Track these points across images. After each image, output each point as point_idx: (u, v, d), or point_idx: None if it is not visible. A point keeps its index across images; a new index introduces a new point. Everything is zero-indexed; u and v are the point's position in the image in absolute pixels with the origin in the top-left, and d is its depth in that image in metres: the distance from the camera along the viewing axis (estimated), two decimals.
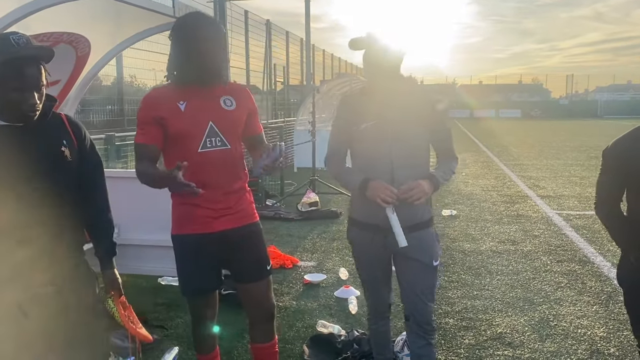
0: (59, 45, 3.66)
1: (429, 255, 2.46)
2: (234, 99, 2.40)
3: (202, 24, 2.28)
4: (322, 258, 5.44)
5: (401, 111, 2.40)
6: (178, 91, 2.33)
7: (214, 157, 2.31)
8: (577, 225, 6.82)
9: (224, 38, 2.36)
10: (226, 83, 2.43)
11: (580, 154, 16.06)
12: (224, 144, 2.33)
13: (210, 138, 2.30)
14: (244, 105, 2.43)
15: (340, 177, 2.55)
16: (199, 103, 2.32)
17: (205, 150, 2.30)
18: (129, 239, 4.57)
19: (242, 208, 2.43)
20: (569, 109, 51.48)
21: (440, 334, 3.65)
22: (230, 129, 2.36)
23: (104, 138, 6.43)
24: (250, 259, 2.47)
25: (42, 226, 1.92)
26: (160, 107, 2.29)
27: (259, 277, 2.48)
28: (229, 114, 2.36)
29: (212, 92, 2.36)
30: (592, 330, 3.71)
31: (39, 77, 1.87)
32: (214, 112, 2.34)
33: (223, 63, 2.35)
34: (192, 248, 2.40)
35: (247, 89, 2.55)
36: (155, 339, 3.49)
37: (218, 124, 2.32)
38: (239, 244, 2.42)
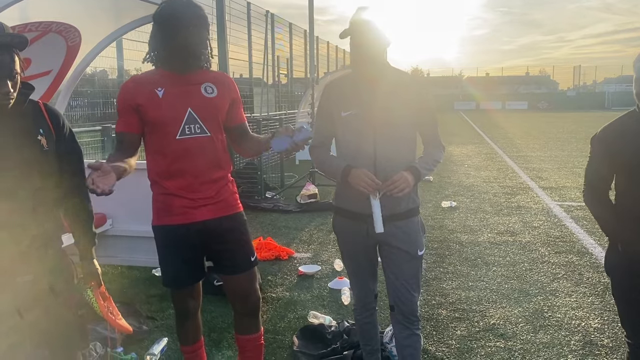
0: (48, 35, 3.64)
1: (413, 245, 2.43)
2: (215, 86, 2.36)
3: (181, 10, 2.23)
4: (318, 249, 5.42)
5: (386, 99, 2.36)
6: (157, 77, 2.30)
7: (193, 144, 2.28)
8: (578, 216, 6.76)
9: (204, 24, 2.30)
10: (206, 68, 2.37)
11: (585, 145, 15.75)
12: (203, 131, 2.29)
13: (189, 125, 2.27)
14: (225, 94, 2.39)
15: (323, 165, 2.52)
16: (178, 90, 2.29)
17: (183, 137, 2.27)
18: (122, 230, 4.57)
19: (223, 198, 2.40)
20: (577, 101, 51.04)
21: (432, 325, 3.62)
22: (210, 116, 2.32)
23: (100, 130, 6.43)
24: (234, 250, 2.44)
25: (17, 215, 1.90)
26: (137, 95, 2.27)
27: (243, 268, 2.45)
28: (210, 101, 2.32)
29: (192, 79, 2.32)
30: (587, 322, 3.67)
31: (11, 65, 1.84)
32: (194, 98, 2.30)
33: (203, 49, 2.30)
34: (172, 239, 2.38)
35: (230, 77, 2.51)
36: (145, 330, 3.51)
37: (197, 110, 2.29)
38: (221, 234, 2.39)
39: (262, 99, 12.09)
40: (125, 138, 2.33)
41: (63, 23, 3.70)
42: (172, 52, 2.25)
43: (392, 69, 2.46)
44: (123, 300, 3.74)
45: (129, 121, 2.30)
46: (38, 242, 1.97)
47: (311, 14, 17.57)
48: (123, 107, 2.30)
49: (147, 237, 4.51)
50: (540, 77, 74.87)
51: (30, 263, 1.95)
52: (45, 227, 2.00)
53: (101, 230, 4.41)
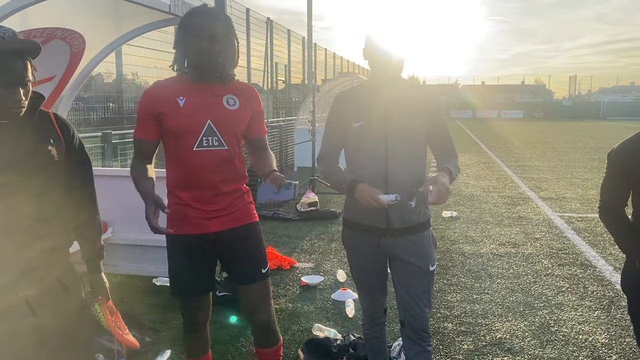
0: (52, 41, 3.60)
1: (425, 259, 2.40)
2: (237, 98, 2.31)
3: (205, 19, 2.18)
4: (320, 259, 5.37)
5: (399, 111, 2.33)
6: (180, 85, 2.27)
7: (209, 157, 2.24)
8: (579, 228, 6.75)
9: (230, 35, 2.24)
10: (230, 81, 2.32)
11: (583, 155, 15.97)
12: (221, 144, 2.25)
13: (207, 137, 2.23)
14: (247, 106, 2.33)
15: (329, 177, 2.47)
16: (200, 100, 2.25)
17: (200, 149, 2.23)
18: (123, 238, 4.52)
19: (236, 209, 2.36)
20: (572, 110, 51.32)
21: (438, 338, 3.58)
22: (229, 129, 2.27)
23: (100, 136, 6.37)
24: (244, 260, 2.41)
25: (25, 227, 1.85)
26: (159, 102, 2.25)
27: (253, 279, 2.41)
28: (230, 114, 2.27)
29: (215, 90, 2.28)
30: (594, 337, 3.64)
31: (24, 72, 1.80)
32: (214, 110, 2.25)
33: (226, 60, 2.25)
34: (184, 248, 2.34)
35: (254, 89, 2.45)
36: (147, 342, 3.45)
37: (217, 123, 2.24)
38: (234, 245, 2.36)
39: None
40: (143, 145, 2.32)
41: (67, 29, 3.66)
42: (192, 61, 2.23)
43: (405, 81, 2.44)
44: (124, 311, 3.66)
45: (148, 128, 2.28)
46: (46, 254, 1.92)
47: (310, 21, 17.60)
48: (143, 114, 2.28)
49: (148, 245, 4.50)
50: (535, 86, 75.28)
51: (38, 277, 1.90)
52: (54, 238, 1.96)
53: (102, 238, 4.35)
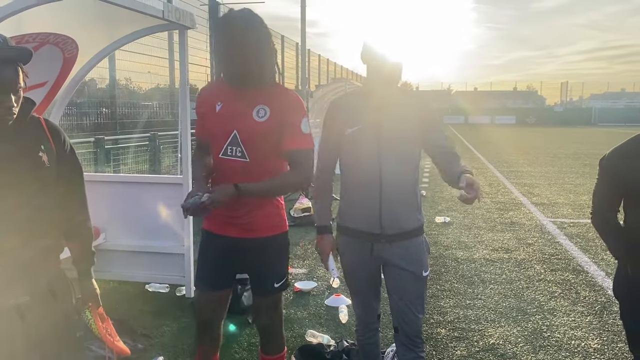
0: (45, 46, 3.59)
1: (418, 265, 2.40)
2: (269, 108, 2.24)
3: (232, 26, 2.16)
4: (314, 265, 5.36)
5: (392, 117, 2.34)
6: (221, 90, 2.32)
7: (230, 166, 2.27)
8: (571, 233, 6.78)
9: (262, 39, 2.20)
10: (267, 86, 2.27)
11: (575, 161, 16.07)
12: (243, 156, 2.24)
13: (231, 147, 2.25)
14: (277, 117, 2.24)
15: (315, 203, 2.58)
16: (233, 107, 2.26)
17: (224, 157, 2.28)
18: (116, 244, 4.50)
19: (251, 220, 2.33)
20: (564, 116, 51.68)
21: (431, 344, 3.58)
22: (254, 142, 2.23)
23: (93, 141, 6.34)
24: (255, 273, 2.45)
25: (17, 233, 1.84)
26: (204, 104, 2.36)
27: (261, 293, 2.47)
28: (258, 126, 2.23)
29: (249, 97, 2.25)
30: (586, 342, 3.65)
31: (15, 79, 1.79)
32: (243, 120, 2.24)
33: (257, 66, 2.19)
34: (209, 243, 2.44)
35: (294, 97, 2.32)
36: (140, 348, 3.43)
37: (242, 134, 2.23)
38: (245, 255, 2.38)
39: None
40: (198, 142, 2.47)
41: (60, 35, 3.65)
42: (225, 68, 2.24)
43: (398, 88, 2.45)
44: (116, 317, 3.65)
45: (199, 127, 2.42)
46: (37, 261, 1.91)
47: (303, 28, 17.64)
48: (197, 113, 2.42)
49: (141, 251, 4.48)
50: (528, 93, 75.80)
51: (28, 283, 1.89)
52: (45, 245, 1.94)
53: (94, 244, 4.32)
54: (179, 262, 4.34)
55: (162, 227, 4.37)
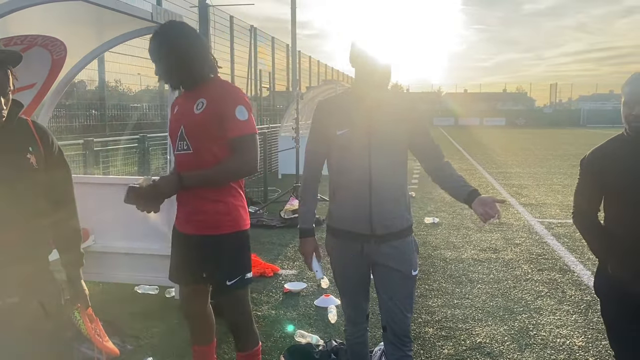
0: (33, 48, 3.59)
1: (407, 264, 2.43)
2: (206, 100, 2.37)
3: (151, 44, 2.38)
4: (303, 266, 5.39)
5: (383, 119, 2.36)
6: (182, 94, 2.53)
7: (180, 160, 2.43)
8: (559, 233, 6.86)
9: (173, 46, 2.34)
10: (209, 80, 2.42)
11: (563, 162, 16.22)
12: (188, 148, 2.39)
13: (180, 142, 2.42)
14: (214, 108, 2.36)
15: (301, 206, 2.60)
16: (182, 107, 2.46)
17: (177, 153, 2.46)
18: (105, 246, 4.49)
19: (206, 218, 2.39)
20: (553, 118, 52.07)
21: (419, 343, 3.62)
22: (194, 133, 2.37)
23: (82, 143, 6.33)
24: (209, 271, 2.48)
25: (6, 234, 1.85)
26: (170, 110, 2.60)
27: (218, 291, 2.51)
28: (197, 118, 2.37)
29: (193, 95, 2.42)
30: (571, 340, 3.70)
31: (5, 81, 1.81)
32: (187, 116, 2.40)
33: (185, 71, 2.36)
34: (174, 238, 2.58)
35: (230, 88, 2.45)
36: (129, 349, 3.43)
37: (186, 128, 2.39)
38: (201, 252, 2.44)
39: None
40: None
41: (49, 37, 3.66)
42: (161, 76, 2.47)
43: (387, 89, 2.48)
44: (105, 319, 3.65)
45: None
46: (25, 262, 1.92)
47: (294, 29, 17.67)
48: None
49: (130, 253, 4.48)
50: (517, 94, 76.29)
51: (17, 284, 1.89)
52: (33, 246, 1.95)
53: (84, 246, 4.30)
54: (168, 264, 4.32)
55: (151, 228, 4.36)
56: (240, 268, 2.48)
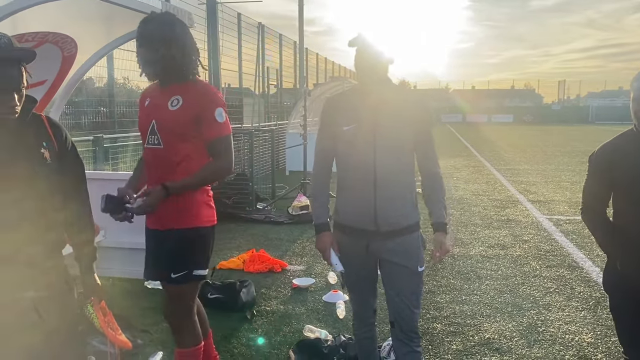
0: (44, 45, 3.62)
1: (414, 260, 2.44)
2: (182, 99, 2.40)
3: (140, 28, 2.41)
4: (312, 262, 5.41)
5: (389, 116, 2.37)
6: (155, 88, 2.52)
7: (149, 154, 2.48)
8: (567, 230, 6.83)
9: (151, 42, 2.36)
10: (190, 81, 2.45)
11: (572, 159, 16.13)
12: (159, 143, 2.43)
13: (151, 136, 2.45)
14: (190, 107, 2.38)
15: (313, 202, 2.63)
16: (155, 101, 2.48)
17: (146, 146, 2.50)
18: (115, 241, 4.52)
19: (164, 214, 2.43)
20: (561, 115, 51.74)
21: (427, 339, 3.63)
22: (167, 129, 2.40)
23: (92, 140, 6.37)
24: (161, 260, 2.53)
25: (20, 229, 1.88)
26: (140, 102, 2.59)
27: (164, 280, 2.53)
28: (171, 114, 2.39)
29: (168, 91, 2.45)
30: (580, 336, 3.70)
31: (19, 78, 1.83)
32: (159, 111, 2.43)
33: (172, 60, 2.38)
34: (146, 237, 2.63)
35: (210, 90, 2.47)
36: (139, 344, 3.46)
37: (158, 123, 2.42)
38: (163, 247, 2.50)
39: (253, 109, 12.08)
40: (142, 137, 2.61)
41: (60, 34, 3.68)
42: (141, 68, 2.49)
43: (394, 86, 2.49)
44: (115, 313, 3.67)
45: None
46: (40, 257, 1.95)
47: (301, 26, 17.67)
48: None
49: (140, 248, 4.47)
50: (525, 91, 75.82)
51: (31, 278, 1.92)
52: (47, 241, 1.98)
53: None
54: None
55: None
56: (188, 263, 2.49)
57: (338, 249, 2.53)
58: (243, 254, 5.45)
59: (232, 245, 6.09)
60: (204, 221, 2.48)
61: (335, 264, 2.47)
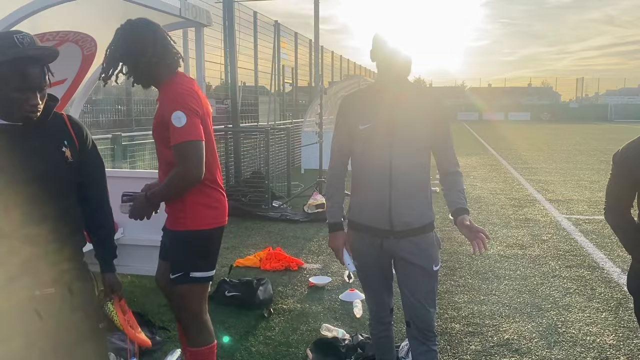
0: (64, 44, 3.66)
1: (429, 260, 2.42)
2: (159, 102, 2.43)
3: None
4: (328, 260, 5.40)
5: (405, 114, 2.35)
6: None
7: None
8: (587, 230, 6.74)
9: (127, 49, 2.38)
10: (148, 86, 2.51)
11: (590, 157, 15.92)
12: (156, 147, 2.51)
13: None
14: (160, 111, 2.39)
15: (327, 200, 2.60)
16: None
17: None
18: (133, 239, 4.56)
19: (170, 214, 2.52)
20: (579, 113, 51.11)
21: (445, 339, 3.60)
22: (154, 133, 2.46)
23: (110, 138, 6.43)
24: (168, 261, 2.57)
25: (41, 227, 1.89)
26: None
27: (171, 281, 2.54)
28: (154, 119, 2.45)
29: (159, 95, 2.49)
30: (602, 338, 3.64)
31: (41, 77, 1.84)
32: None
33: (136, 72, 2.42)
34: None
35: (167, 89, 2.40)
36: (158, 341, 3.48)
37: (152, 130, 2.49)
38: (166, 244, 2.58)
39: (269, 108, 12.10)
40: None
41: (80, 32, 3.72)
42: None
43: (411, 85, 2.47)
44: (134, 311, 3.70)
45: None
46: (61, 254, 1.96)
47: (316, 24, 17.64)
48: None
49: (158, 246, 4.53)
50: (542, 89, 74.99)
51: (52, 275, 1.94)
52: (68, 239, 1.99)
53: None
54: None
55: None
56: (185, 264, 2.48)
57: (351, 248, 2.53)
58: (259, 252, 5.47)
59: (249, 242, 6.11)
60: (201, 224, 2.45)
61: (348, 264, 2.48)
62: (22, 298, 1.87)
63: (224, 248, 5.81)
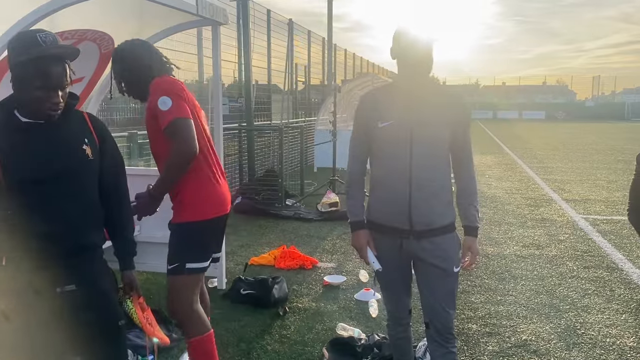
0: (83, 42, 3.67)
1: (449, 261, 2.38)
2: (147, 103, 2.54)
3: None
4: (342, 259, 5.38)
5: (426, 115, 2.32)
6: None
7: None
8: (604, 230, 6.65)
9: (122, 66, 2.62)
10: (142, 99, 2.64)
11: (607, 156, 15.72)
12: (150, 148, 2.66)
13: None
14: (147, 107, 2.52)
15: (347, 199, 2.56)
16: None
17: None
18: (150, 236, 4.57)
19: (173, 207, 2.62)
20: (595, 111, 50.57)
21: (462, 339, 3.57)
22: (148, 132, 2.58)
23: (126, 136, 6.47)
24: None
25: (62, 224, 1.90)
26: None
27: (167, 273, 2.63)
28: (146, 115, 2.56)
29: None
30: (622, 340, 3.59)
31: (63, 76, 1.85)
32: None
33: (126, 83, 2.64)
34: None
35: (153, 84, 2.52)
36: (174, 338, 3.49)
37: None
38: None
39: (282, 106, 12.11)
40: None
41: (97, 31, 3.73)
42: None
43: (433, 84, 2.44)
44: (151, 308, 3.72)
45: None
46: (81, 252, 1.97)
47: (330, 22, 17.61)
48: None
49: None
50: (557, 87, 74.27)
51: (73, 273, 1.94)
52: (89, 236, 2.00)
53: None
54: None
55: None
56: (180, 255, 2.58)
57: (375, 247, 2.50)
58: (274, 250, 5.46)
59: (263, 241, 6.11)
60: (200, 214, 2.55)
61: (373, 262, 2.43)
62: (43, 295, 1.88)
63: (238, 246, 5.82)
